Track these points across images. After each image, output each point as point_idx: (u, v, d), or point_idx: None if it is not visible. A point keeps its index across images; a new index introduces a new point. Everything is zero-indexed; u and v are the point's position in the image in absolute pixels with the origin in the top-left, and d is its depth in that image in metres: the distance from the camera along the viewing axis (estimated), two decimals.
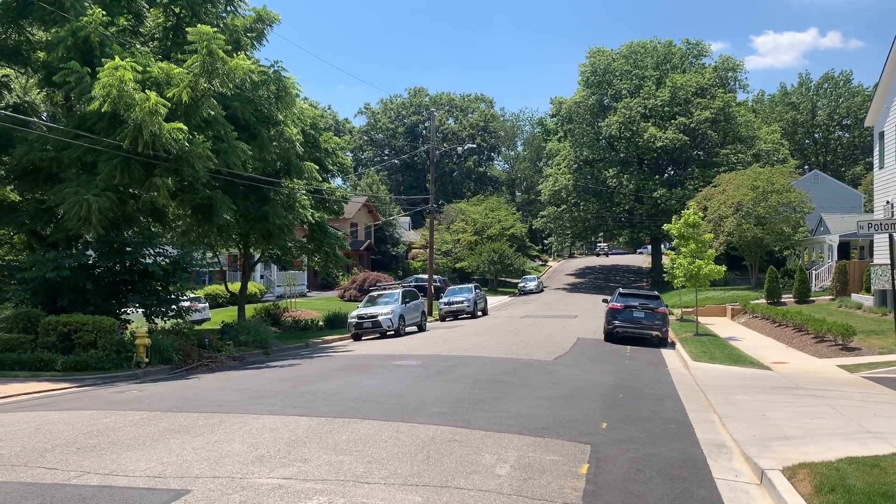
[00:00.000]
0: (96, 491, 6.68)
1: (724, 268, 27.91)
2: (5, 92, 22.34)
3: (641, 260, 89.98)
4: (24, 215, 20.41)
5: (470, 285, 42.44)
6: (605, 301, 28.61)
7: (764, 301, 34.27)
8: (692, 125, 59.95)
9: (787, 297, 34.48)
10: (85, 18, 18.32)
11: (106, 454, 8.14)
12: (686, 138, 59.61)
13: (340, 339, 28.46)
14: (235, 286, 32.49)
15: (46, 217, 20.39)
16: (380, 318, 28.11)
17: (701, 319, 30.67)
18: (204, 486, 6.83)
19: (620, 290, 27.67)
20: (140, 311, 21.06)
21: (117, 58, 17.49)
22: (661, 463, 8.37)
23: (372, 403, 11.66)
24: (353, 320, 28.60)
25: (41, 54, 20.66)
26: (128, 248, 20.05)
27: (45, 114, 24.51)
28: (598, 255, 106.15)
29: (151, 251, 20.64)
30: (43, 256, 18.66)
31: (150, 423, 9.95)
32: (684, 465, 8.32)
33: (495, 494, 6.82)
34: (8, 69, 22.42)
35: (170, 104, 18.19)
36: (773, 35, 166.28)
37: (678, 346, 23.62)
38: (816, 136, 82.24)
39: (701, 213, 31.68)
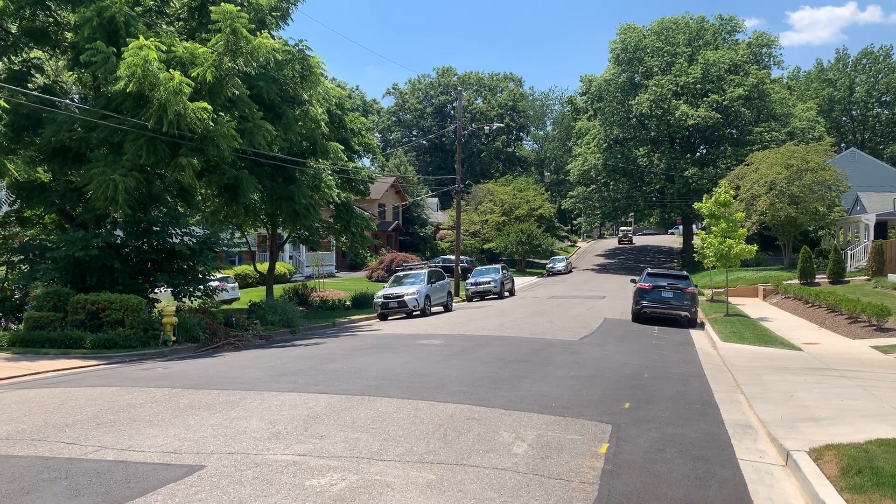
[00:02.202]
0: (111, 466, 6.72)
1: (755, 247, 27.34)
2: (35, 74, 22.58)
3: (672, 240, 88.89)
4: (53, 195, 20.67)
5: (497, 266, 42.27)
6: (632, 281, 28.28)
7: (797, 281, 33.61)
8: (725, 103, 58.75)
9: (821, 278, 33.77)
10: None
11: (124, 430, 8.20)
12: (718, 116, 58.46)
13: (367, 319, 28.54)
14: (264, 266, 32.70)
15: (75, 197, 20.61)
16: (405, 298, 28.10)
17: (732, 300, 30.18)
18: (218, 462, 6.83)
19: (649, 269, 27.30)
20: (168, 290, 21.27)
21: (141, 37, 17.51)
22: (684, 443, 8.20)
23: (392, 381, 11.62)
24: (379, 300, 28.65)
25: (69, 35, 20.82)
26: (155, 228, 20.19)
27: (76, 96, 24.76)
28: (620, 241, 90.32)
29: (178, 231, 20.76)
30: (72, 236, 18.88)
31: (170, 400, 10.02)
32: (707, 446, 8.14)
33: (511, 473, 6.73)
34: (38, 51, 22.67)
35: (194, 84, 18.20)
36: (809, 10, 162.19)
37: (707, 326, 23.26)
38: (854, 113, 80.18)
39: (733, 192, 31.04)
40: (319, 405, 9.60)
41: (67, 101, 22.28)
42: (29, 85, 21.32)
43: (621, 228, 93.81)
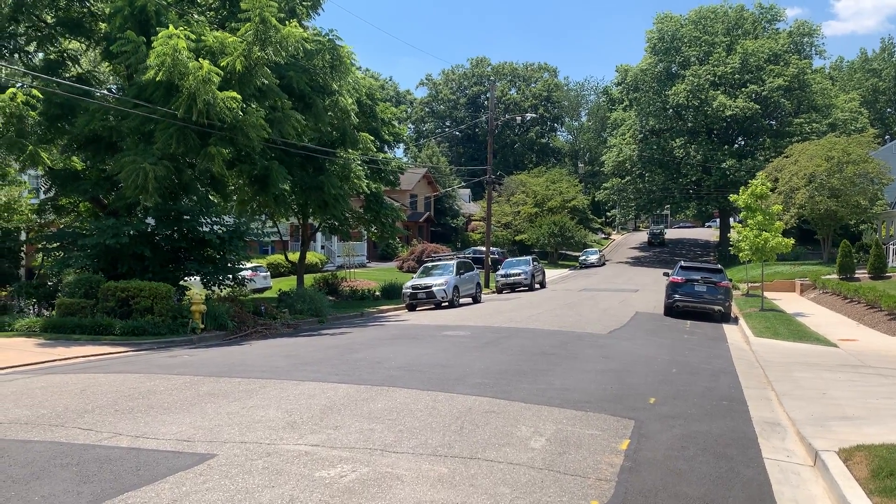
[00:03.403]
0: (123, 453, 6.71)
1: (792, 241, 26.66)
2: (70, 64, 22.88)
3: (709, 233, 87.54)
4: (86, 184, 20.94)
5: (528, 258, 41.95)
6: (665, 275, 27.81)
7: (836, 276, 32.73)
8: (764, 93, 57.47)
9: (861, 273, 32.83)
10: None
11: (141, 417, 8.21)
12: (757, 107, 57.22)
13: (395, 309, 28.52)
14: (295, 256, 32.86)
15: (108, 185, 20.86)
16: (434, 288, 28.01)
17: (768, 295, 29.52)
18: (230, 451, 6.78)
19: (682, 263, 26.81)
20: (198, 278, 21.45)
21: (171, 27, 17.58)
22: (708, 441, 7.95)
23: (414, 372, 11.52)
24: (408, 291, 28.60)
25: (103, 26, 21.02)
26: (185, 217, 20.33)
27: (113, 86, 25.06)
28: (651, 242, 79.33)
29: (208, 220, 20.91)
30: (103, 224, 19.10)
31: (191, 388, 10.03)
32: (733, 444, 7.88)
33: (525, 468, 6.56)
34: (75, 42, 22.98)
35: (223, 73, 18.24)
36: None
37: (741, 321, 22.75)
38: None
39: (770, 185, 30.29)
40: (338, 395, 9.53)
41: (101, 90, 22.55)
42: (64, 75, 21.60)
43: (651, 228, 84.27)
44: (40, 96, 18.25)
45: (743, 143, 64.20)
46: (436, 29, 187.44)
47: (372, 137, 27.73)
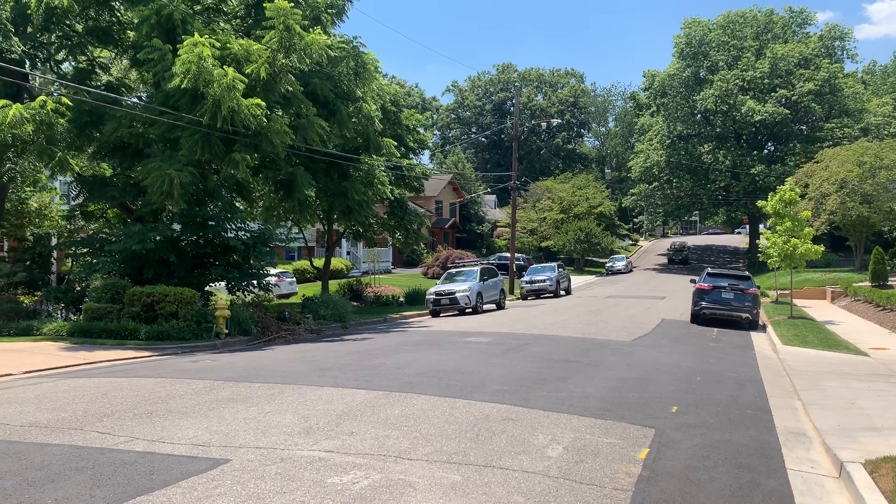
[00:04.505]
0: (139, 457, 6.74)
1: (821, 247, 26.12)
2: (100, 72, 23.26)
3: (739, 240, 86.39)
4: (114, 190, 21.24)
5: (553, 264, 41.69)
6: (692, 282, 27.45)
7: (868, 284, 32.04)
8: (794, 98, 56.62)
9: (895, 280, 32.15)
10: None
11: (159, 421, 8.25)
12: (787, 112, 56.36)
13: (419, 315, 28.49)
14: (321, 262, 33.01)
15: (135, 192, 21.13)
16: (457, 295, 27.94)
17: (798, 302, 28.99)
18: (244, 457, 6.77)
19: (708, 269, 26.43)
20: (223, 284, 21.61)
21: (196, 34, 17.79)
22: (730, 450, 7.78)
23: (433, 379, 11.46)
24: (431, 297, 28.57)
25: (131, 34, 21.34)
26: (210, 223, 20.51)
27: (144, 94, 25.43)
28: (672, 259, 68.13)
29: (233, 226, 21.07)
30: (130, 229, 19.34)
31: (210, 392, 10.08)
32: (755, 454, 7.70)
33: (540, 477, 6.47)
34: (106, 51, 23.37)
35: (248, 80, 18.44)
36: (889, 1, 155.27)
37: (769, 328, 22.34)
38: None
39: (799, 191, 29.77)
40: (355, 401, 9.50)
41: (129, 98, 22.90)
42: (93, 83, 21.96)
43: (673, 241, 71.64)
44: (69, 104, 18.57)
45: (772, 148, 63.30)
46: (462, 36, 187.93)
47: (396, 144, 27.81)
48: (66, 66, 23.24)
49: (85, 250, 21.81)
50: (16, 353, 15.10)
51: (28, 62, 21.14)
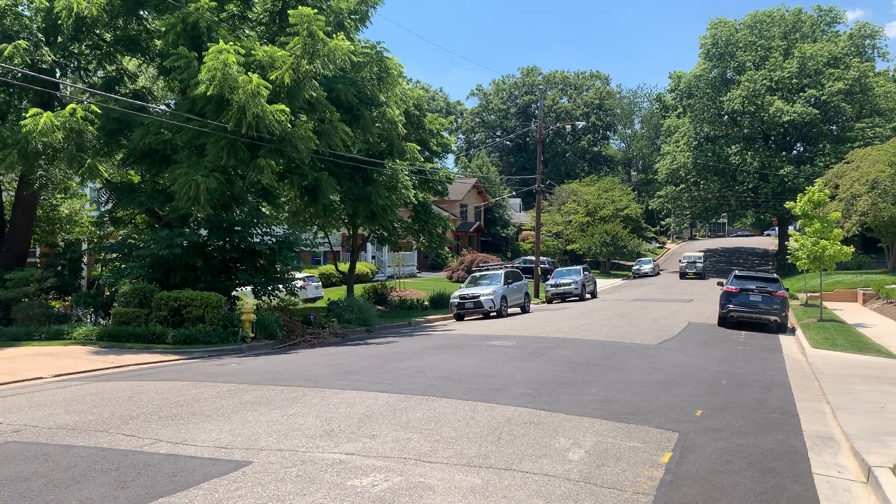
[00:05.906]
0: (162, 459, 6.83)
1: (851, 249, 25.65)
2: (128, 80, 23.65)
3: (768, 242, 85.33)
4: (142, 196, 21.54)
5: (578, 267, 41.47)
6: (719, 284, 27.14)
7: None
8: (823, 98, 55.83)
9: None
10: (193, 5, 19.00)
11: (183, 424, 8.35)
12: (816, 112, 55.61)
13: (443, 319, 28.51)
14: (346, 266, 33.19)
15: (162, 197, 21.40)
16: (481, 298, 27.92)
17: (828, 305, 28.53)
18: (266, 459, 6.83)
19: (736, 272, 26.10)
20: (249, 288, 21.82)
21: (221, 41, 18.01)
22: (755, 454, 7.67)
23: (455, 382, 11.46)
24: (456, 300, 28.58)
25: (158, 43, 21.65)
26: (236, 228, 20.72)
27: (172, 101, 25.80)
28: (684, 274, 55.22)
29: (259, 230, 21.26)
30: (157, 235, 19.60)
31: (234, 395, 10.18)
32: (781, 458, 7.59)
33: (561, 480, 6.43)
34: (134, 59, 23.76)
35: (272, 86, 18.59)
36: None
37: (798, 331, 22.01)
38: None
39: (828, 192, 29.29)
40: (378, 404, 9.54)
41: (157, 105, 23.24)
42: (122, 91, 22.32)
43: (685, 255, 58.84)
44: (98, 112, 18.90)
45: (801, 149, 62.48)
46: (486, 39, 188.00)
47: (419, 148, 27.86)
48: (96, 76, 23.63)
49: (114, 255, 22.17)
50: (46, 357, 15.39)
51: (59, 71, 21.56)
